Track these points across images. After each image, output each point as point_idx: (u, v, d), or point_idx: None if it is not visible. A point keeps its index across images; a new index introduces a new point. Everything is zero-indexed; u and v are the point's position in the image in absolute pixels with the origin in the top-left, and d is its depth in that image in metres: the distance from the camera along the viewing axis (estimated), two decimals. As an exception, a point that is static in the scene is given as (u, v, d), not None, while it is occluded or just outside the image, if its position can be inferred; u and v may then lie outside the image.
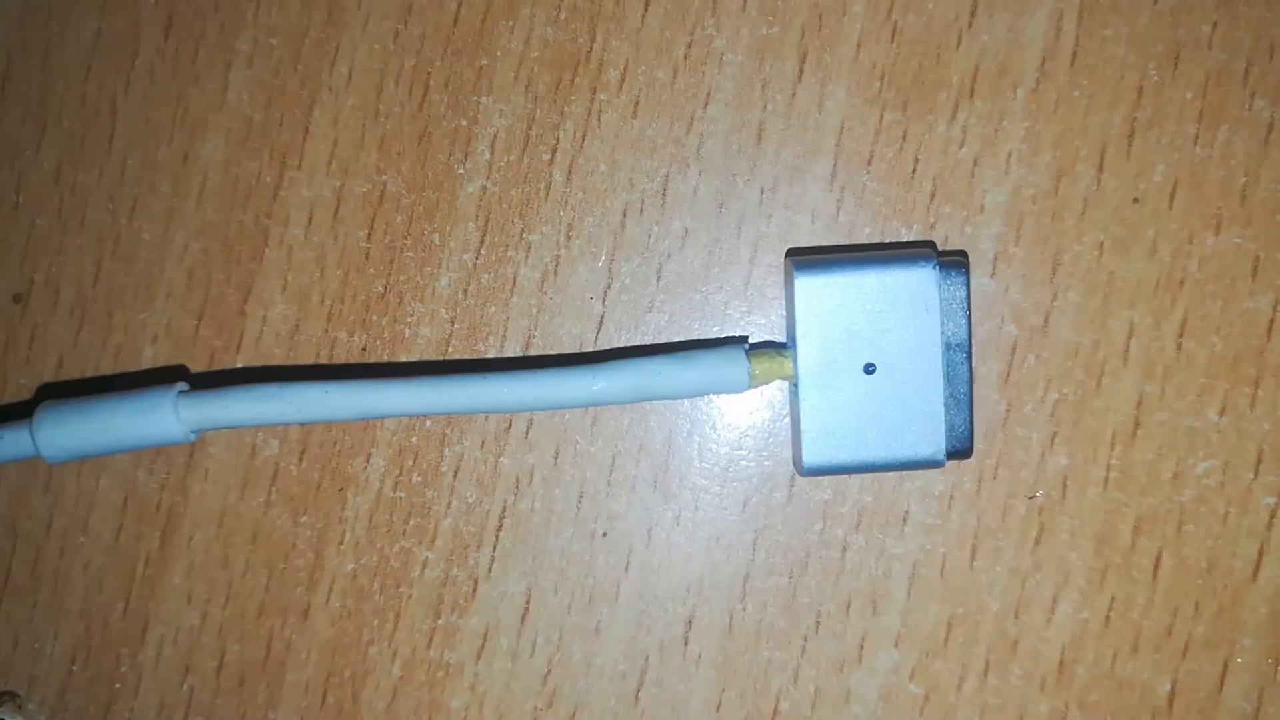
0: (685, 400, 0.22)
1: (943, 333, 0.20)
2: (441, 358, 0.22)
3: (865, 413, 0.20)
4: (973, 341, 0.20)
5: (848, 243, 0.22)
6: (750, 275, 0.22)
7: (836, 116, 0.22)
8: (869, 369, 0.20)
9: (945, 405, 0.20)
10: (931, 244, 0.22)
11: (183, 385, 0.20)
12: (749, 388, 0.20)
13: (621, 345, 0.22)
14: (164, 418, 0.20)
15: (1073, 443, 0.21)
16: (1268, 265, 0.21)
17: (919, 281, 0.20)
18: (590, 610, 0.22)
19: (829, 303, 0.20)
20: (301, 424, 0.22)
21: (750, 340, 0.22)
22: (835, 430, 0.20)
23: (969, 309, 0.20)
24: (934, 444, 0.20)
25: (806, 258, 0.20)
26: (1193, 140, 0.21)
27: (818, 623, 0.22)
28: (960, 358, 0.20)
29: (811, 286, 0.20)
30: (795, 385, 0.20)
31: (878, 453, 0.20)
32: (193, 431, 0.20)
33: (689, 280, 0.22)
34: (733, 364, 0.20)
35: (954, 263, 0.20)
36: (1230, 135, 0.21)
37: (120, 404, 0.20)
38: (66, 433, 0.20)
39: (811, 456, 0.20)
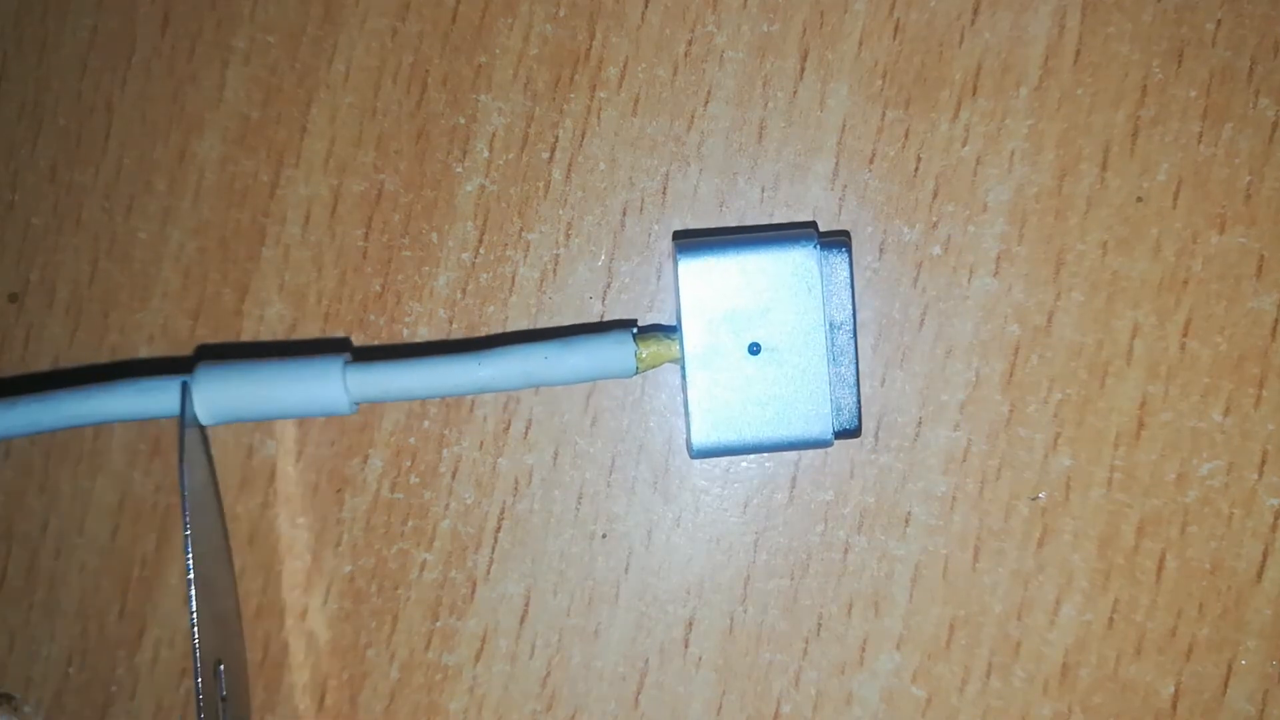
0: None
1: (826, 312, 0.20)
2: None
3: (752, 394, 0.20)
4: (858, 320, 0.20)
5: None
6: (751, 274, 0.22)
7: (838, 114, 0.22)
8: (754, 349, 0.20)
9: (831, 385, 0.20)
10: (813, 224, 0.22)
11: (347, 355, 0.20)
12: (637, 372, 0.20)
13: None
14: (331, 387, 0.19)
15: (1076, 443, 0.21)
16: (1272, 264, 0.21)
17: (800, 262, 0.20)
18: (590, 612, 0.22)
19: (713, 285, 0.20)
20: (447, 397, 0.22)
21: (640, 323, 0.22)
22: (723, 412, 0.20)
23: (853, 288, 0.20)
24: (821, 424, 0.20)
25: (690, 240, 0.20)
26: (1197, 139, 0.21)
27: (819, 625, 0.22)
28: (845, 337, 0.20)
29: (695, 269, 0.20)
30: (682, 368, 0.20)
31: (766, 433, 0.20)
32: (354, 403, 0.20)
33: (689, 280, 0.22)
34: (619, 348, 0.20)
35: (836, 242, 0.20)
36: (1234, 134, 0.21)
37: (285, 369, 0.19)
38: (226, 392, 0.19)
39: (700, 438, 0.20)
